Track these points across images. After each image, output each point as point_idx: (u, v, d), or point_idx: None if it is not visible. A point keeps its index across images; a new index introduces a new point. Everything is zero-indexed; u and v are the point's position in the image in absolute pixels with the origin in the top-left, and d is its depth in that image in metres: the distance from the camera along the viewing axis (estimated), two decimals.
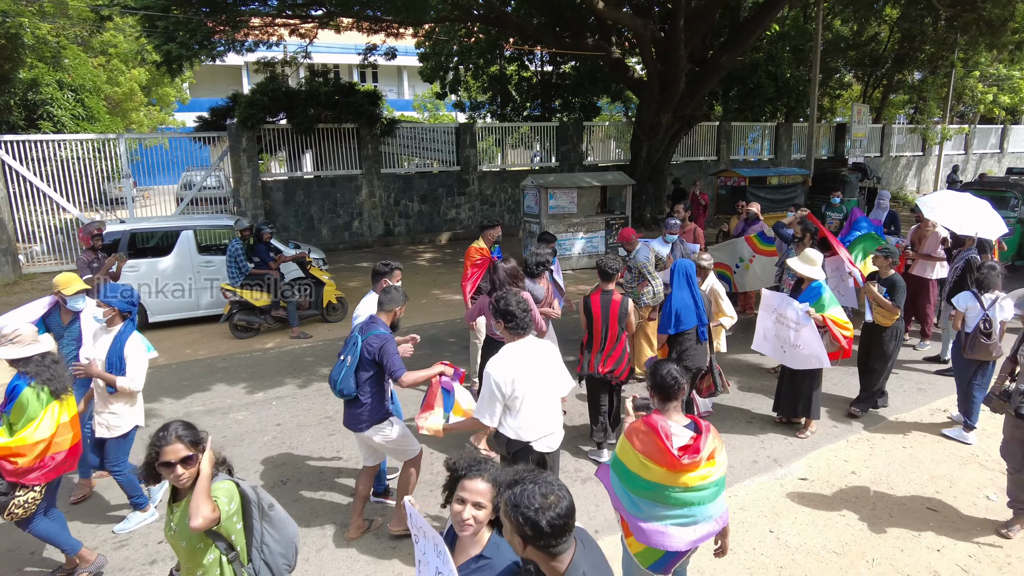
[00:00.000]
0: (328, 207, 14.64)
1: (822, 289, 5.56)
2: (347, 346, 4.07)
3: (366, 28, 17.00)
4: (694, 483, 2.71)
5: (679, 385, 2.92)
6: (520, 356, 3.53)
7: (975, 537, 4.36)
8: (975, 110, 26.56)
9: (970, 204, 6.83)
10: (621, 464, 2.88)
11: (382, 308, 4.15)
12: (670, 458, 2.68)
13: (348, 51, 23.91)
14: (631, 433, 2.85)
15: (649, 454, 2.73)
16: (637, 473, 2.77)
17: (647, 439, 2.76)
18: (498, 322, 3.65)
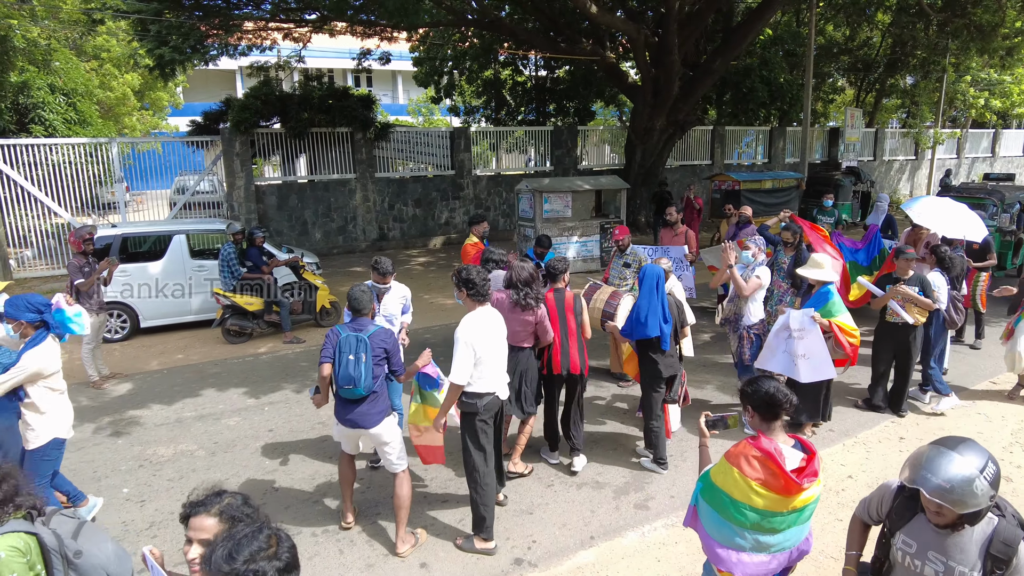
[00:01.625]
0: (322, 211, 14.59)
1: (831, 293, 5.52)
2: (350, 347, 4.04)
3: (360, 33, 16.99)
4: (801, 504, 2.57)
5: (788, 402, 2.69)
6: (482, 320, 4.12)
7: None
8: (967, 114, 26.72)
9: (953, 208, 6.97)
10: (723, 494, 2.62)
11: (362, 312, 4.20)
12: (788, 483, 2.49)
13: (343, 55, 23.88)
14: (737, 459, 2.61)
15: (764, 481, 2.52)
16: (742, 502, 2.56)
17: (762, 465, 2.54)
18: (460, 291, 4.16)
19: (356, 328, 4.14)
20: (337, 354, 4.06)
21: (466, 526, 4.46)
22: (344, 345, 4.05)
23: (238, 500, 2.18)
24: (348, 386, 4.06)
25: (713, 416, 2.98)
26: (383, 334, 4.18)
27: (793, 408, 2.70)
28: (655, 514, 4.67)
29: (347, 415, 4.17)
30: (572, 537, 4.40)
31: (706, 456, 2.98)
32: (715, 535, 2.69)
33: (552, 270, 5.20)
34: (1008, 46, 19.39)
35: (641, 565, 4.14)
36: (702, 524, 2.75)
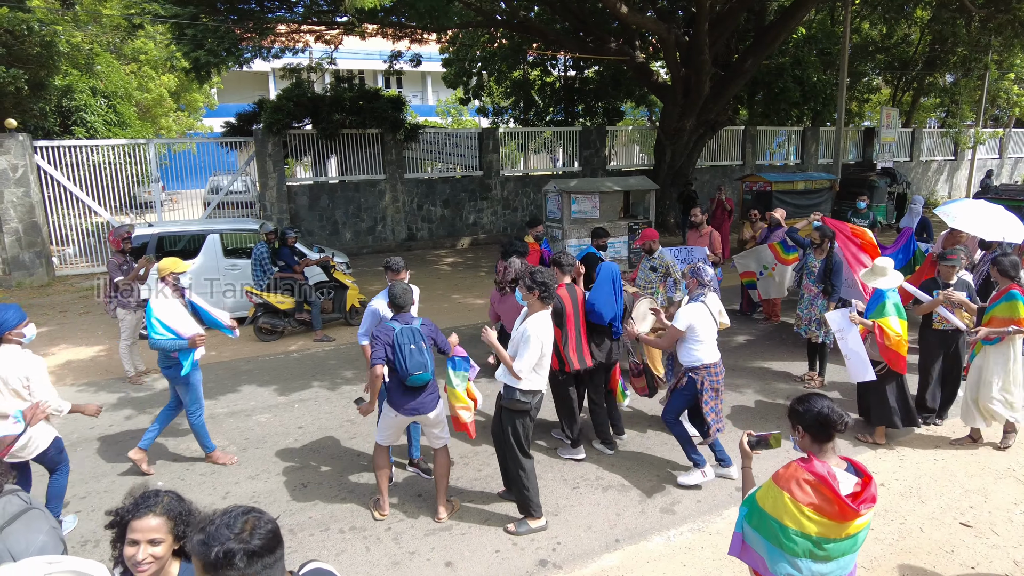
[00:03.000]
0: (352, 211, 14.76)
1: (885, 296, 5.52)
2: (407, 338, 4.24)
3: (390, 35, 17.15)
4: (856, 531, 2.46)
5: (843, 422, 2.54)
6: (548, 322, 4.37)
7: (1013, 555, 4.22)
8: (1010, 113, 25.92)
9: (989, 210, 6.78)
10: (772, 520, 2.48)
11: (404, 308, 4.43)
12: (843, 509, 2.37)
13: (373, 57, 24.19)
14: (787, 483, 2.47)
15: (817, 506, 2.40)
16: (794, 528, 2.42)
17: (815, 490, 2.41)
18: (532, 292, 4.28)
19: (404, 321, 4.37)
20: (397, 348, 4.22)
21: (491, 519, 4.50)
22: (402, 337, 4.24)
23: (173, 497, 2.21)
24: (419, 371, 4.24)
25: (755, 435, 2.85)
26: (429, 324, 4.47)
27: (847, 428, 2.57)
28: (681, 518, 4.64)
29: (409, 403, 4.38)
30: (597, 540, 4.40)
31: (750, 478, 2.83)
32: (767, 563, 2.54)
33: (560, 263, 5.15)
34: None
35: (667, 570, 4.12)
36: (752, 551, 2.60)
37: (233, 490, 5.07)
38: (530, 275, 4.31)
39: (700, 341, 4.84)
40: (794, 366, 7.57)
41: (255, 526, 1.75)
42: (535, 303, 4.33)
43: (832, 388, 6.97)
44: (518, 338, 4.32)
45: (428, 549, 4.30)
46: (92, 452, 5.76)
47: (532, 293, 4.30)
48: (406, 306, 4.42)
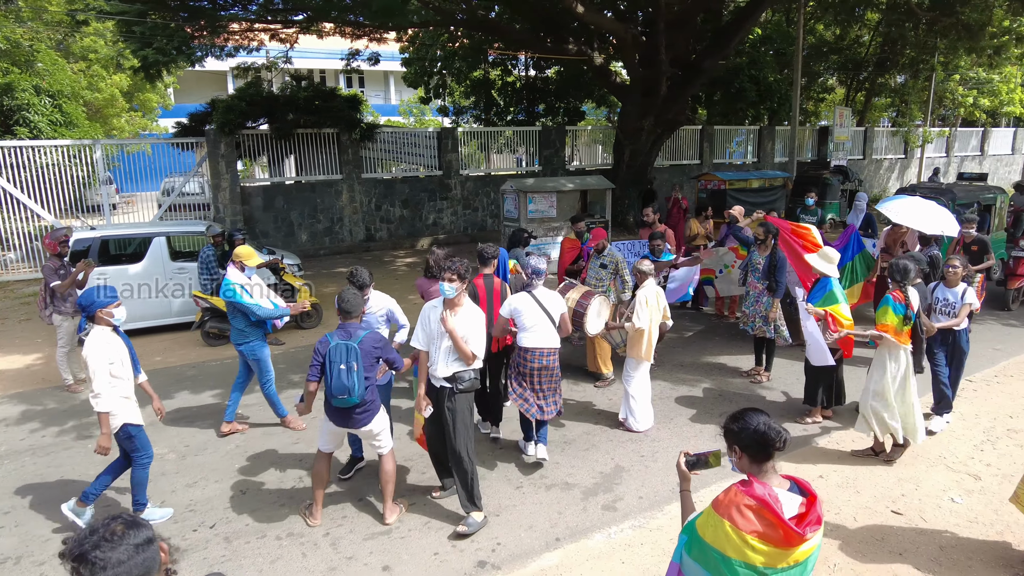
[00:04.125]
0: (308, 212, 14.55)
1: (830, 284, 5.77)
2: (340, 355, 4.13)
3: (349, 34, 16.95)
4: (803, 557, 2.25)
5: (782, 439, 2.34)
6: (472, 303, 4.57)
7: (939, 541, 4.33)
8: (956, 113, 26.78)
9: (926, 205, 7.01)
10: (713, 551, 2.28)
11: (351, 315, 4.31)
12: (788, 535, 2.18)
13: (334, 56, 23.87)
14: (728, 510, 2.26)
15: (761, 534, 2.20)
16: (737, 559, 2.23)
17: (758, 516, 2.21)
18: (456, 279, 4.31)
19: (345, 335, 4.22)
20: (328, 364, 4.13)
21: (433, 522, 4.47)
22: (334, 354, 4.13)
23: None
24: (342, 396, 4.14)
25: (693, 455, 2.62)
26: (372, 338, 4.27)
27: (786, 445, 2.36)
28: (623, 515, 4.66)
29: (338, 419, 4.33)
30: (538, 539, 4.39)
31: (689, 502, 2.64)
32: None
33: (482, 255, 5.52)
34: (996, 45, 19.42)
35: (605, 567, 4.12)
36: None
37: (169, 499, 4.94)
38: (460, 265, 4.37)
39: (525, 328, 5.08)
40: (743, 360, 7.67)
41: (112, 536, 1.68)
42: (464, 293, 4.43)
43: (778, 382, 7.09)
44: (464, 325, 4.36)
45: (366, 553, 4.25)
46: (21, 464, 5.55)
47: (464, 282, 4.37)
48: (351, 312, 4.31)
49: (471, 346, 4.35)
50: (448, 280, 4.28)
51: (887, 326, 5.04)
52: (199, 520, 4.64)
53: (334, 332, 4.27)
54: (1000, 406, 6.49)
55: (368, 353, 4.20)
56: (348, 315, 4.30)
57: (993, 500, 4.76)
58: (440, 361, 4.43)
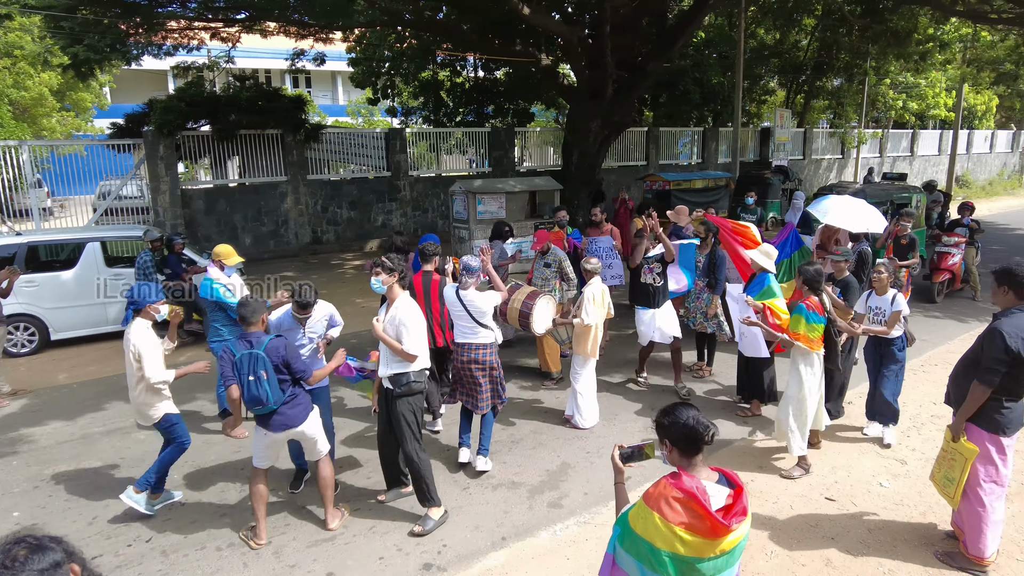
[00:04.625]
0: (252, 215, 14.22)
1: (768, 279, 5.89)
2: (247, 366, 4.01)
3: (293, 33, 16.61)
4: (730, 547, 2.31)
5: (710, 433, 2.40)
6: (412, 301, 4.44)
7: (867, 524, 4.53)
8: (888, 115, 27.97)
9: (854, 204, 7.31)
10: (643, 542, 2.32)
11: (251, 323, 4.15)
12: (714, 526, 2.24)
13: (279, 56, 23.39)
14: (657, 502, 2.31)
15: (689, 525, 2.25)
16: (666, 550, 2.27)
17: (685, 507, 2.27)
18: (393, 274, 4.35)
19: (248, 343, 4.07)
20: (238, 375, 4.01)
21: (378, 526, 4.43)
22: (242, 365, 4.01)
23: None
24: (256, 406, 4.06)
25: (627, 447, 2.65)
26: (276, 345, 4.10)
27: (714, 438, 2.43)
28: (568, 512, 4.71)
29: (271, 420, 4.19)
30: (484, 539, 4.40)
31: (623, 495, 2.67)
32: None
33: (423, 252, 5.67)
34: (922, 51, 20.38)
35: (551, 564, 4.17)
36: (623, 574, 2.45)
37: (102, 514, 4.76)
38: (387, 259, 4.35)
39: (456, 323, 5.27)
40: (686, 356, 7.82)
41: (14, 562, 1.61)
42: (395, 286, 4.37)
43: (721, 377, 7.29)
44: (395, 324, 4.29)
45: (310, 561, 4.18)
46: None
47: (393, 275, 4.33)
48: (249, 320, 4.15)
49: (407, 346, 4.25)
50: (375, 275, 4.28)
51: (801, 335, 5.00)
52: (134, 534, 4.49)
53: (237, 342, 4.12)
54: (925, 394, 6.81)
55: (274, 360, 4.05)
56: (248, 323, 4.16)
57: (917, 483, 5.00)
58: (383, 362, 4.42)
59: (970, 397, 3.84)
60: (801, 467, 5.20)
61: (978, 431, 3.91)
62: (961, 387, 3.99)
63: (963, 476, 3.89)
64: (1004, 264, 3.90)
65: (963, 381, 3.98)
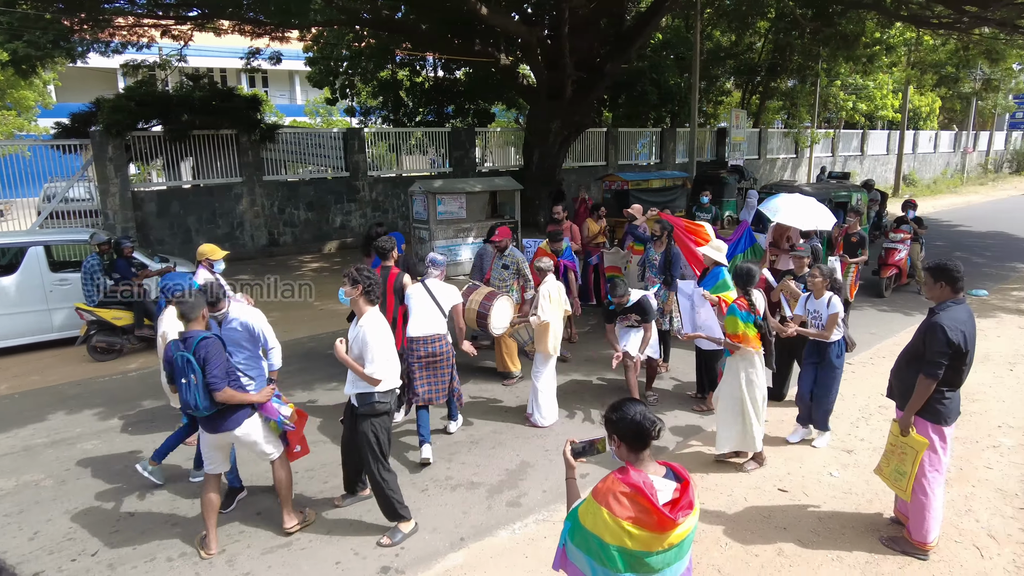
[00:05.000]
0: (206, 218, 13.89)
1: (721, 273, 6.04)
2: (178, 370, 3.87)
3: (248, 32, 16.28)
4: (679, 540, 2.34)
5: (657, 428, 2.42)
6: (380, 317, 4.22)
7: (818, 513, 4.65)
8: (839, 116, 28.81)
9: (804, 202, 7.50)
10: (593, 537, 2.35)
11: (188, 319, 3.98)
12: (661, 520, 2.27)
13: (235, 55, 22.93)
14: (605, 497, 2.33)
15: (636, 519, 2.28)
16: (615, 544, 2.30)
17: (632, 502, 2.29)
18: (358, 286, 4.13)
19: (183, 344, 3.91)
20: (175, 376, 3.89)
21: (335, 531, 4.37)
22: (175, 367, 3.87)
23: None
24: (188, 411, 3.97)
25: (579, 442, 2.65)
26: (202, 344, 3.88)
27: (660, 433, 2.45)
28: (527, 510, 4.72)
29: (206, 424, 4.07)
30: (442, 540, 4.38)
31: (574, 490, 2.68)
32: None
33: (380, 249, 5.67)
34: (869, 54, 21.07)
35: (510, 563, 4.17)
36: (575, 567, 2.47)
37: (44, 529, 4.58)
38: (355, 270, 4.13)
39: (414, 315, 5.31)
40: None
41: None
42: (360, 300, 4.13)
43: (677, 372, 7.40)
44: (359, 342, 4.11)
45: (264, 568, 4.11)
46: None
47: (356, 288, 4.09)
48: (188, 316, 3.96)
49: (370, 369, 4.04)
50: (343, 285, 4.20)
51: (741, 336, 4.96)
52: (79, 548, 4.34)
53: (176, 341, 3.98)
54: (874, 385, 7.01)
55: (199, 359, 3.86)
56: (186, 319, 3.97)
57: (864, 472, 5.15)
58: (349, 379, 4.26)
59: (917, 391, 3.95)
60: (756, 461, 5.31)
61: (922, 422, 4.04)
62: (903, 381, 4.12)
63: (914, 468, 4.00)
64: (938, 261, 4.04)
65: (905, 375, 4.11)
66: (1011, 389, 6.87)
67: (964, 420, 5.93)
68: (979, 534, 4.35)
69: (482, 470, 5.28)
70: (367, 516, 4.60)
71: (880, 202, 14.07)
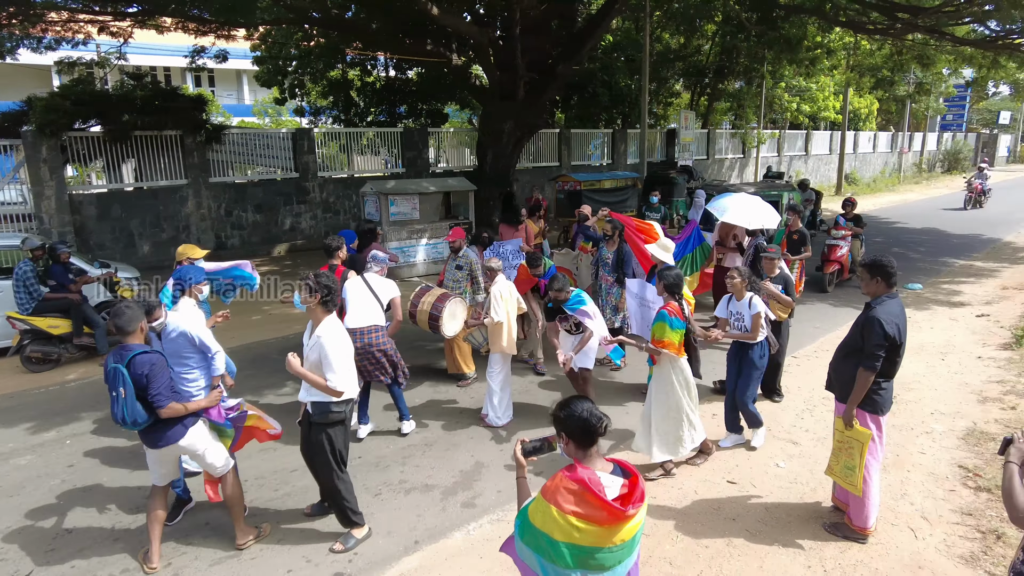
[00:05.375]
0: (151, 221, 13.43)
1: None
2: (111, 382, 3.72)
3: (192, 29, 15.79)
4: (628, 536, 2.36)
5: (604, 425, 2.45)
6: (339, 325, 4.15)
7: (765, 504, 4.78)
8: (784, 117, 29.69)
9: (750, 202, 7.71)
10: (542, 535, 2.35)
11: (126, 332, 3.78)
12: (611, 513, 2.28)
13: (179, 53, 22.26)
14: (554, 495, 2.34)
15: (584, 515, 2.29)
16: (564, 541, 2.31)
17: (581, 497, 2.30)
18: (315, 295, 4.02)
19: (120, 356, 3.73)
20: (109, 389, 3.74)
21: (287, 539, 4.29)
22: (108, 379, 3.72)
23: None
24: (119, 425, 3.79)
25: (531, 441, 2.64)
26: (141, 361, 3.70)
27: (606, 431, 2.49)
28: (482, 511, 4.73)
29: (147, 436, 3.92)
30: (396, 544, 4.35)
31: (525, 489, 2.67)
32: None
33: (327, 248, 5.91)
34: (811, 57, 21.76)
35: (465, 564, 4.17)
36: (524, 565, 2.50)
37: None
38: (314, 276, 4.00)
39: (352, 307, 5.44)
40: None
41: None
42: (318, 309, 3.99)
43: (630, 368, 7.51)
44: (316, 350, 3.96)
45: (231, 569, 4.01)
46: None
47: (314, 296, 3.95)
48: (125, 329, 3.73)
49: (332, 380, 3.92)
50: (297, 290, 4.15)
51: (667, 342, 4.83)
52: (11, 569, 4.15)
53: (112, 353, 3.78)
54: (818, 378, 7.15)
55: (136, 376, 3.67)
56: (123, 332, 3.74)
57: (809, 462, 5.33)
58: (304, 386, 4.15)
59: (858, 384, 4.09)
60: (704, 453, 5.42)
61: (860, 413, 4.19)
62: (841, 373, 4.28)
63: (862, 461, 4.13)
64: (874, 257, 4.21)
65: (843, 368, 4.26)
66: (943, 378, 7.21)
67: (900, 408, 6.22)
68: (913, 516, 4.55)
69: (436, 472, 5.26)
70: (319, 524, 4.54)
71: (815, 201, 14.58)
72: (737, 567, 4.06)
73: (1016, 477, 2.64)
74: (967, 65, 19.93)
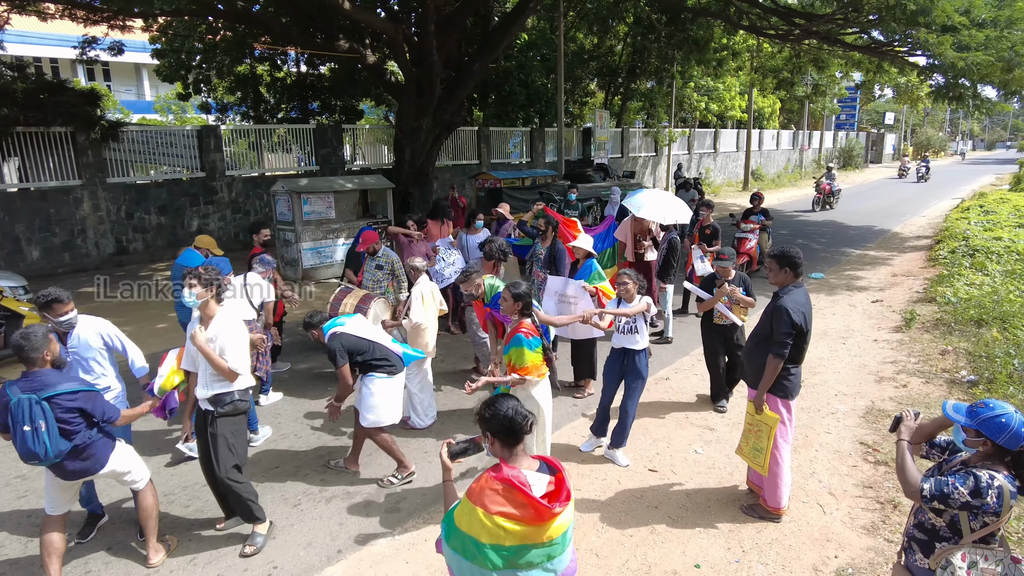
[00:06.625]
0: (40, 225, 12.42)
1: (594, 265, 6.29)
2: (22, 415, 3.35)
3: (81, 18, 14.71)
4: (558, 533, 2.34)
5: (529, 423, 2.46)
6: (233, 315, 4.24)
7: (685, 490, 4.92)
8: (693, 116, 30.87)
9: (662, 197, 8.01)
10: (468, 539, 2.30)
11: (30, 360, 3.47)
12: (538, 511, 2.25)
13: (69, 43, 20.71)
14: (480, 497, 2.29)
15: (511, 514, 2.25)
16: (491, 543, 2.26)
17: (507, 497, 2.27)
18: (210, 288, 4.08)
19: (31, 386, 3.40)
20: (11, 424, 3.37)
21: (200, 555, 4.04)
22: (16, 412, 3.35)
23: None
24: (32, 461, 3.45)
25: (459, 442, 2.61)
26: (70, 395, 3.46)
27: (532, 429, 2.49)
28: (406, 515, 4.63)
29: (63, 468, 3.59)
30: (317, 554, 4.19)
31: (451, 492, 2.64)
32: None
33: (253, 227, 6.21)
34: (718, 58, 22.74)
35: (390, 570, 4.06)
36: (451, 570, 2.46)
37: None
38: (203, 270, 4.07)
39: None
40: None
41: None
42: (211, 302, 4.06)
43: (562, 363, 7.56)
44: (216, 343, 3.98)
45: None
46: None
47: (210, 288, 4.02)
48: (30, 357, 3.45)
49: (230, 361, 3.99)
50: (189, 287, 3.92)
51: (529, 367, 4.29)
52: None
53: (14, 383, 3.43)
54: None
55: (63, 413, 3.44)
56: (30, 361, 3.45)
57: (725, 447, 5.53)
58: (201, 383, 4.07)
59: (767, 371, 4.26)
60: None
61: (771, 398, 4.38)
62: (753, 361, 4.45)
63: (770, 443, 4.31)
64: (781, 248, 4.40)
65: (754, 356, 4.44)
66: (844, 361, 7.67)
67: (807, 391, 6.56)
68: (821, 493, 4.81)
69: (358, 478, 5.11)
70: (228, 538, 4.31)
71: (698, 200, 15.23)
72: (661, 553, 4.15)
73: (907, 453, 2.83)
74: (856, 69, 21.40)
